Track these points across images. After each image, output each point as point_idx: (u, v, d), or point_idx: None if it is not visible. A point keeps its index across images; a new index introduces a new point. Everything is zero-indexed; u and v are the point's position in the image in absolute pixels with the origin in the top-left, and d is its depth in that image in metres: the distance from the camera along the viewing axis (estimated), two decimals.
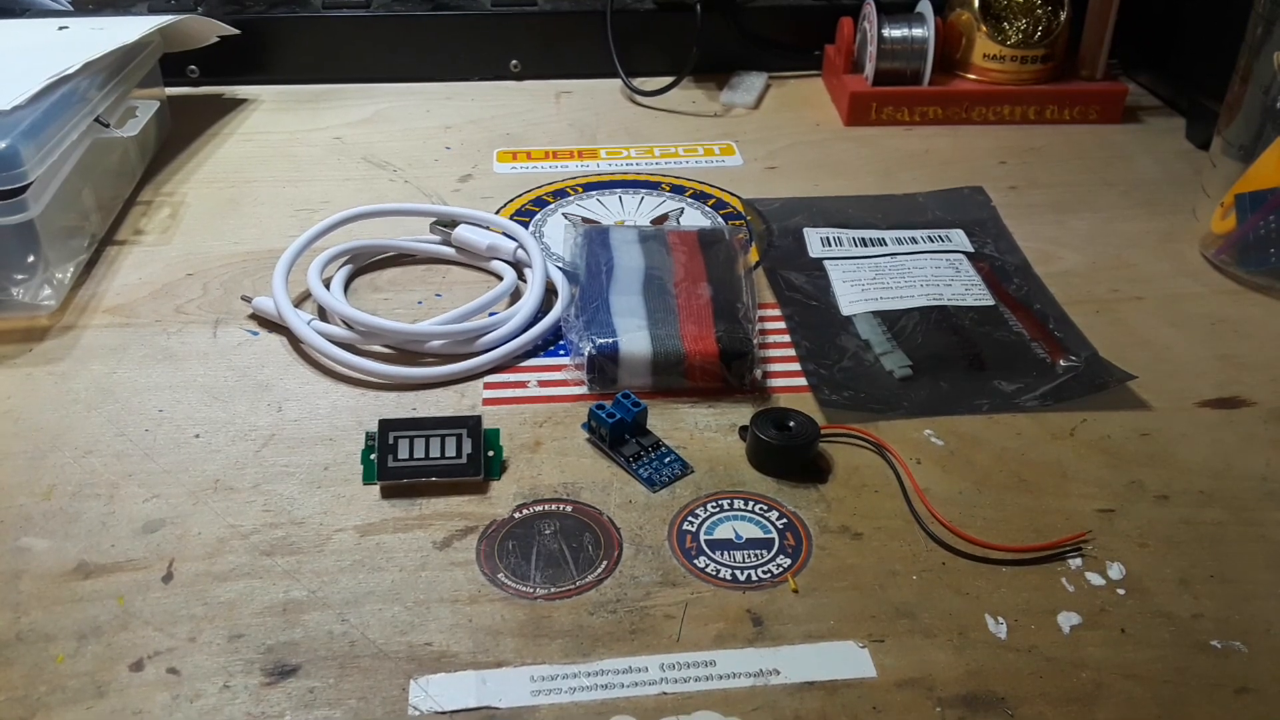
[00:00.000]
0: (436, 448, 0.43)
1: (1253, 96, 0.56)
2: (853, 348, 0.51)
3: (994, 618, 0.37)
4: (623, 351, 0.47)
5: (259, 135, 0.73)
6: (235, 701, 0.34)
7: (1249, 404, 0.48)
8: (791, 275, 0.56)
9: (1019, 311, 0.53)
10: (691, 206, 0.64)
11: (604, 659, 0.36)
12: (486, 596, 0.38)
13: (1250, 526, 0.41)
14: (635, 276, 0.52)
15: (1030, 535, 0.41)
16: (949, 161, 0.70)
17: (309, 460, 0.44)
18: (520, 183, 0.66)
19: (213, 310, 0.54)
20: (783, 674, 0.35)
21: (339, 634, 0.36)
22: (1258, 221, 0.55)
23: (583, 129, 0.74)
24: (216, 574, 0.39)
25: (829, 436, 0.45)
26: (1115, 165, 0.70)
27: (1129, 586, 0.39)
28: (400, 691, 0.35)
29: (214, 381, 0.49)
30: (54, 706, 0.34)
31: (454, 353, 0.50)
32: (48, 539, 0.40)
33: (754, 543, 0.40)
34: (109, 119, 0.59)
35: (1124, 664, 0.36)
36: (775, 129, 0.75)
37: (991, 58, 0.74)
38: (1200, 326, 0.53)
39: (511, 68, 0.81)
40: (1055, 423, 0.47)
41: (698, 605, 0.38)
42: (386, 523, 0.41)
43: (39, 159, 0.51)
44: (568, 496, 0.42)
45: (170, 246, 0.59)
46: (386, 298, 0.55)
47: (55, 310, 0.53)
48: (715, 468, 0.44)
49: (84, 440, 0.45)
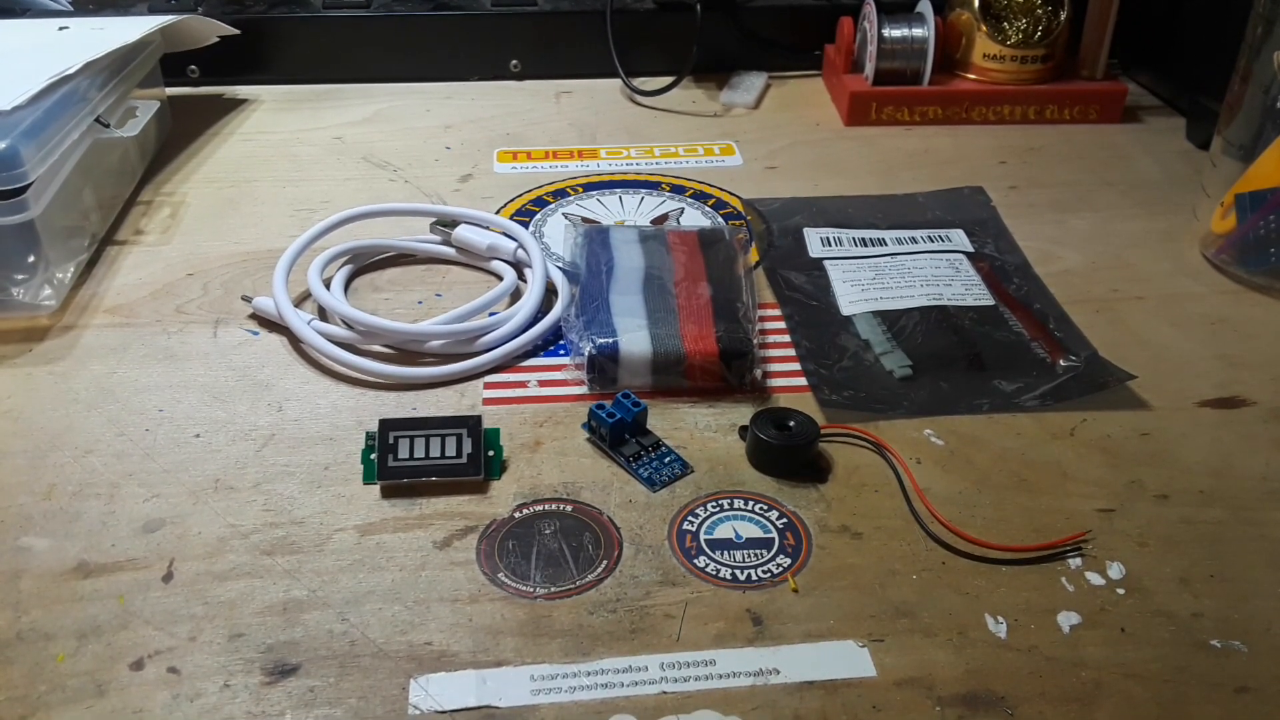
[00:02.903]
0: (437, 447, 0.43)
1: (1253, 96, 0.56)
2: (853, 347, 0.51)
3: (994, 617, 0.37)
4: (623, 351, 0.47)
5: (259, 135, 0.73)
6: (235, 701, 0.34)
7: (1249, 404, 0.48)
8: (791, 275, 0.56)
9: (1019, 311, 0.53)
10: (691, 206, 0.64)
11: (604, 658, 0.36)
12: (486, 596, 0.38)
13: (1250, 526, 0.41)
14: (635, 276, 0.52)
15: (1030, 535, 0.41)
16: (949, 161, 0.70)
17: (309, 460, 0.44)
18: (520, 183, 0.67)
19: (213, 310, 0.54)
20: (782, 673, 0.35)
21: (339, 633, 0.37)
22: (1258, 221, 0.55)
23: (583, 129, 0.74)
24: (217, 573, 0.39)
25: (829, 436, 0.45)
26: (1115, 165, 0.70)
27: (1129, 586, 0.39)
28: (400, 691, 0.35)
29: (214, 381, 0.49)
30: (54, 706, 0.34)
31: (454, 353, 0.50)
32: (48, 538, 0.40)
33: (754, 542, 0.40)
34: (109, 119, 0.59)
35: (1124, 663, 0.36)
36: (775, 129, 0.75)
37: (991, 57, 0.74)
38: (1200, 326, 0.53)
39: (511, 68, 0.81)
40: (1055, 422, 0.47)
41: (698, 605, 0.38)
42: (386, 522, 0.41)
43: (39, 159, 0.51)
44: (568, 496, 0.42)
45: (170, 246, 0.59)
46: (386, 298, 0.55)
47: (55, 310, 0.53)
48: (715, 467, 0.44)
49: (84, 440, 0.45)
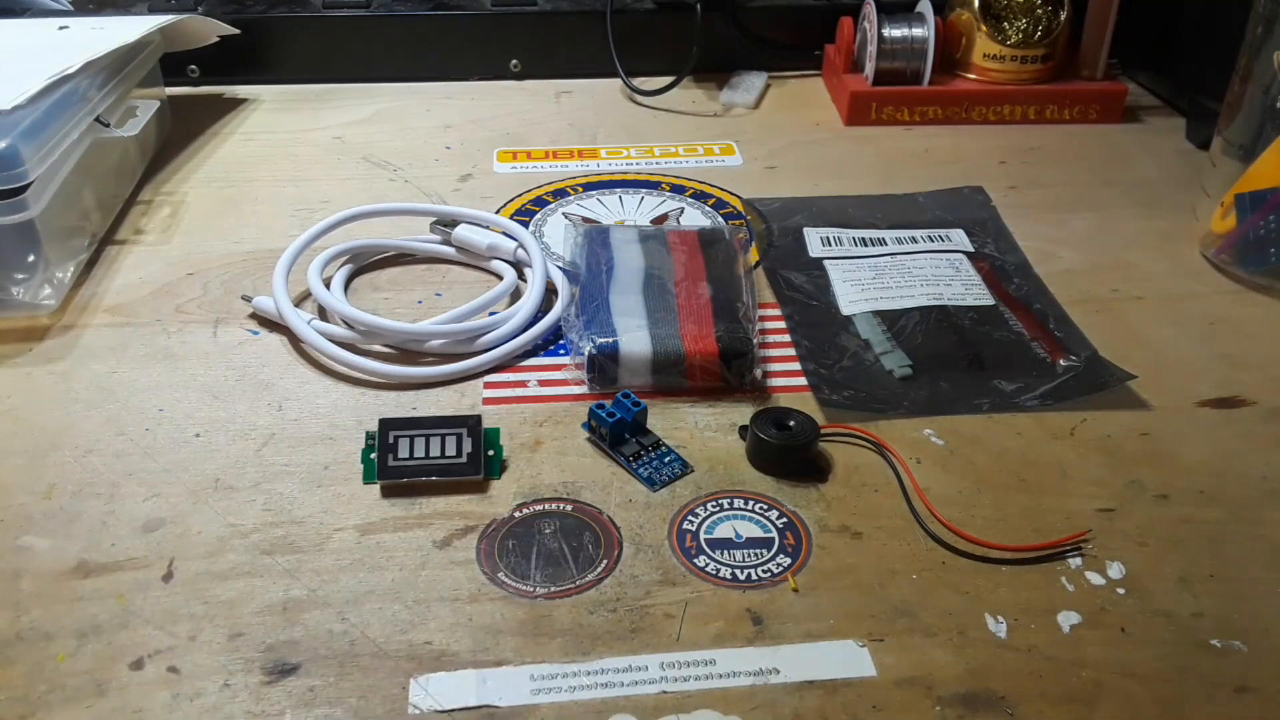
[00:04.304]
0: (436, 447, 0.43)
1: (1253, 96, 0.56)
2: (853, 347, 0.51)
3: (994, 617, 0.37)
4: (623, 351, 0.47)
5: (259, 135, 0.73)
6: (235, 700, 0.34)
7: (1249, 404, 0.48)
8: (791, 275, 0.56)
9: (1019, 311, 0.53)
10: (691, 206, 0.64)
11: (604, 658, 0.36)
12: (486, 595, 0.38)
13: (1250, 526, 0.41)
14: (635, 276, 0.52)
15: (1030, 535, 0.41)
16: (949, 161, 0.70)
17: (309, 459, 0.44)
18: (520, 182, 0.67)
19: (213, 310, 0.54)
20: (782, 673, 0.35)
21: (339, 633, 0.37)
22: (1258, 221, 0.55)
23: (583, 129, 0.74)
24: (217, 573, 0.39)
25: (829, 436, 0.45)
26: (1115, 165, 0.70)
27: (1129, 586, 0.39)
28: (400, 690, 0.35)
29: (214, 381, 0.49)
30: (54, 705, 0.34)
31: (454, 352, 0.50)
32: (48, 538, 0.40)
33: (754, 542, 0.40)
34: (109, 119, 0.59)
35: (1124, 663, 0.36)
36: (775, 129, 0.75)
37: (991, 57, 0.74)
38: (1200, 326, 0.53)
39: (511, 68, 0.81)
40: (1055, 422, 0.47)
41: (698, 604, 0.38)
42: (386, 522, 0.41)
43: (39, 159, 0.51)
44: (568, 496, 0.42)
45: (170, 246, 0.59)
46: (386, 297, 0.55)
47: (55, 310, 0.53)
48: (715, 467, 0.44)
49: (84, 439, 0.45)
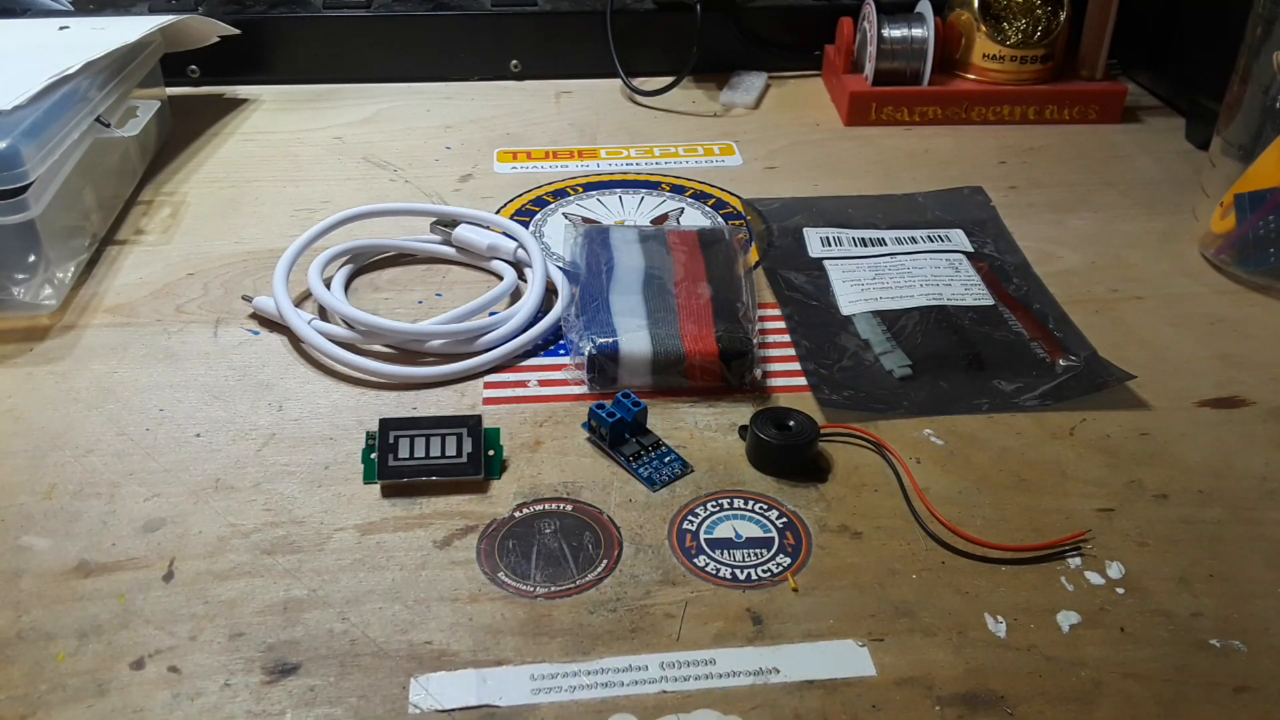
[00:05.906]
0: (437, 447, 0.43)
1: (1252, 96, 0.56)
2: (853, 347, 0.51)
3: (993, 617, 0.37)
4: (623, 351, 0.47)
5: (259, 135, 0.73)
6: (236, 700, 0.34)
7: (1248, 404, 0.48)
8: (791, 275, 0.56)
9: (1018, 311, 0.53)
10: (691, 206, 0.64)
11: (604, 657, 0.36)
12: (487, 595, 0.38)
13: (1250, 526, 0.41)
14: (635, 276, 0.52)
15: (1030, 534, 0.41)
16: (949, 161, 0.70)
17: (309, 459, 0.44)
18: (520, 182, 0.67)
19: (213, 310, 0.54)
20: (782, 673, 0.35)
21: (339, 632, 0.37)
22: (1257, 221, 0.55)
23: (583, 129, 0.74)
24: (217, 573, 0.39)
25: (829, 436, 0.45)
26: (1115, 165, 0.70)
27: (1128, 585, 0.39)
28: (400, 690, 0.35)
29: (214, 381, 0.49)
30: (55, 705, 0.34)
31: (454, 352, 0.50)
32: (49, 538, 0.40)
33: (754, 542, 0.40)
34: (110, 119, 0.59)
35: (1123, 663, 0.36)
36: (775, 129, 0.75)
37: (991, 58, 0.74)
38: (1200, 326, 0.53)
39: (511, 68, 0.81)
40: (1055, 422, 0.47)
41: (698, 604, 0.38)
42: (387, 522, 0.41)
43: (40, 159, 0.51)
44: (568, 496, 0.42)
45: (171, 246, 0.59)
46: (387, 297, 0.55)
47: (56, 310, 0.53)
48: (715, 467, 0.44)
49: (85, 439, 0.45)
